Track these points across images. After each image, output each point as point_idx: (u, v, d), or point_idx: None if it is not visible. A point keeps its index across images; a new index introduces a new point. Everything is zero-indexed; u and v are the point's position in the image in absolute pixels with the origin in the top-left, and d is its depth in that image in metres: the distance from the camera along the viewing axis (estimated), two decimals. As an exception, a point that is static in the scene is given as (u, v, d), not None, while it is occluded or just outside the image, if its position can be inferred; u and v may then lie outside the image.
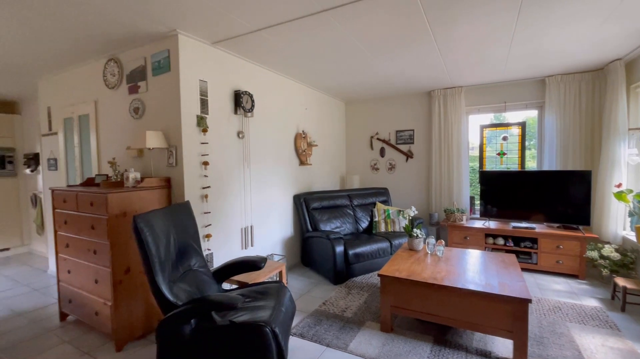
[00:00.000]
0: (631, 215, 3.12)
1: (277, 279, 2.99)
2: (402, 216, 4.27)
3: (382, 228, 4.28)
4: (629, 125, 3.37)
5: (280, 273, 2.94)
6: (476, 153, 4.66)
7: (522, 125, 4.30)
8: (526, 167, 4.35)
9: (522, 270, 3.73)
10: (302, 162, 4.27)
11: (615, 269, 3.15)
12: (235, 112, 3.15)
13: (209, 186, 2.85)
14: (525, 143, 4.31)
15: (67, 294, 2.68)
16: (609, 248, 3.22)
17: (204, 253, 2.73)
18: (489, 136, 4.53)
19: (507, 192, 4.05)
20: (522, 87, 4.21)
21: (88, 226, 2.41)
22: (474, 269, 2.55)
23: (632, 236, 3.24)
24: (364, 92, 4.77)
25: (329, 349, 2.28)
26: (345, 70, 3.66)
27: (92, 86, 3.26)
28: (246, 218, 3.30)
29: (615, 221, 3.44)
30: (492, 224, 4.12)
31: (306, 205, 4.06)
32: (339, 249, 3.46)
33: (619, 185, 3.24)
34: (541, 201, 3.85)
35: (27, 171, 4.80)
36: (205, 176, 2.83)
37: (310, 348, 2.30)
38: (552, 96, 3.94)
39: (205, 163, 2.80)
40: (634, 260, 3.10)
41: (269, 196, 3.67)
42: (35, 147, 4.74)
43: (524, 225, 3.90)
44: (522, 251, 3.82)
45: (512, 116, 4.43)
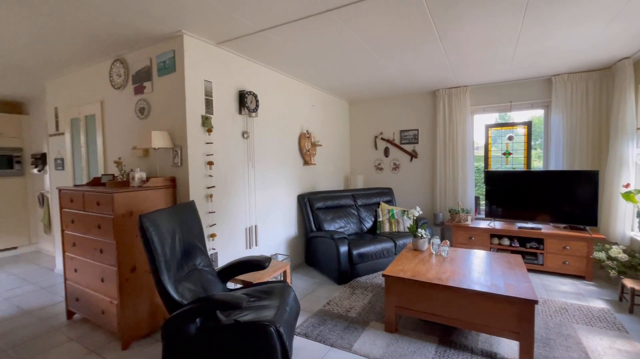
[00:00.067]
0: (639, 215, 3.08)
1: (282, 279, 2.99)
2: (407, 217, 4.26)
3: (386, 228, 4.27)
4: (638, 125, 3.32)
5: (285, 272, 2.95)
6: (481, 153, 4.62)
7: (528, 125, 4.26)
8: (532, 166, 4.31)
9: (528, 270, 3.69)
10: (306, 162, 4.27)
11: (623, 270, 3.11)
12: (240, 112, 3.16)
13: (213, 186, 2.87)
14: (531, 142, 4.28)
15: (74, 292, 2.71)
16: (616, 249, 3.18)
17: (209, 253, 2.74)
18: (494, 136, 4.50)
19: (513, 192, 4.01)
20: (528, 86, 4.17)
21: (95, 225, 2.43)
22: (480, 269, 2.54)
23: (640, 237, 3.20)
24: (368, 91, 4.76)
25: (333, 349, 2.28)
26: (350, 70, 3.66)
27: (98, 86, 3.29)
28: (250, 217, 3.31)
29: (623, 221, 3.39)
30: (497, 224, 4.09)
31: (310, 205, 4.06)
32: (343, 249, 3.46)
33: (627, 185, 3.20)
34: (547, 202, 3.81)
35: (35, 171, 4.86)
36: (210, 176, 2.84)
37: (315, 347, 2.30)
38: (558, 95, 3.90)
39: (210, 163, 2.82)
40: (642, 261, 3.06)
41: (273, 196, 3.67)
42: (43, 147, 4.80)
43: (529, 225, 3.87)
44: (527, 251, 3.79)
45: (518, 115, 4.39)
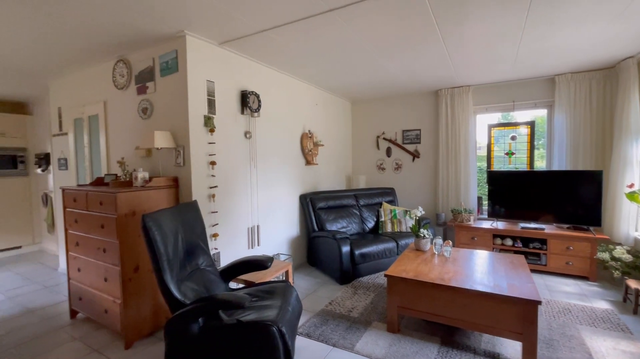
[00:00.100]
0: (644, 215, 3.06)
1: (284, 278, 3.00)
2: (409, 217, 4.25)
3: (389, 228, 4.26)
4: (642, 124, 3.31)
5: (287, 272, 2.95)
6: (484, 153, 4.61)
7: (531, 125, 4.24)
8: (535, 166, 4.29)
9: (531, 271, 3.67)
10: (308, 162, 4.27)
11: (627, 271, 3.09)
12: (242, 112, 3.16)
13: (216, 186, 2.87)
14: (534, 142, 4.26)
15: (77, 292, 2.72)
16: (620, 250, 3.16)
17: (211, 252, 2.74)
18: (497, 135, 4.48)
19: (516, 192, 4.00)
20: (531, 86, 4.15)
21: (98, 225, 2.44)
22: (482, 270, 2.53)
23: (644, 237, 3.18)
24: (370, 91, 4.76)
25: (336, 349, 2.28)
26: (352, 69, 3.65)
27: (101, 87, 3.30)
28: (253, 217, 3.32)
29: (627, 222, 3.37)
30: (500, 224, 4.07)
31: (312, 205, 4.06)
32: (345, 249, 3.45)
33: (631, 186, 3.18)
34: (550, 202, 3.79)
35: (38, 171, 4.89)
36: (213, 176, 2.85)
37: (317, 347, 2.30)
38: (562, 95, 3.88)
39: (213, 163, 2.82)
40: (646, 262, 3.05)
41: (275, 196, 3.68)
42: (46, 147, 4.83)
43: (532, 225, 3.85)
44: (530, 252, 3.77)
45: (521, 115, 4.37)
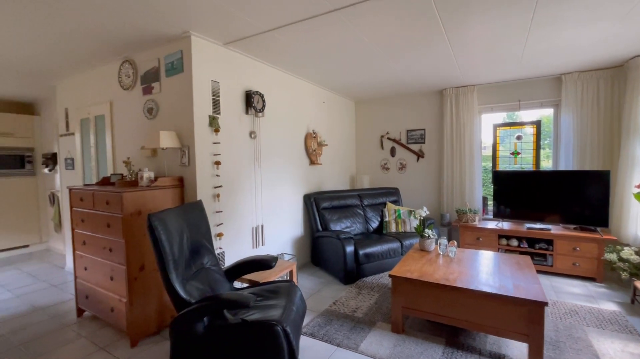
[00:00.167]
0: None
1: (288, 278, 3.00)
2: (413, 217, 4.23)
3: (393, 229, 4.25)
4: (651, 124, 3.26)
5: (291, 272, 2.95)
6: (489, 153, 4.57)
7: (537, 124, 4.20)
8: (541, 166, 4.25)
9: (537, 272, 3.64)
10: (312, 162, 4.27)
11: (635, 272, 3.05)
12: (247, 112, 3.17)
13: (220, 186, 2.88)
14: (540, 142, 4.21)
15: (84, 290, 2.75)
16: (628, 251, 3.12)
17: (216, 252, 2.76)
18: (502, 135, 4.45)
19: (521, 192, 3.96)
20: (537, 85, 4.11)
21: (104, 224, 2.47)
22: (488, 270, 2.51)
23: (653, 238, 3.14)
24: (375, 91, 4.75)
25: (340, 349, 2.28)
26: (356, 69, 3.64)
27: (107, 87, 3.33)
28: (257, 217, 3.33)
29: (636, 222, 3.33)
30: (505, 225, 4.04)
31: (316, 205, 4.06)
32: (349, 249, 3.45)
33: (640, 186, 3.14)
34: (557, 202, 3.75)
35: (46, 170, 4.95)
36: (217, 175, 2.86)
37: (321, 347, 2.30)
38: (568, 94, 3.84)
39: (217, 163, 2.83)
40: (655, 263, 3.01)
41: (279, 195, 3.68)
42: (53, 147, 4.88)
43: (538, 226, 3.81)
44: (536, 253, 3.73)
45: (527, 115, 4.33)
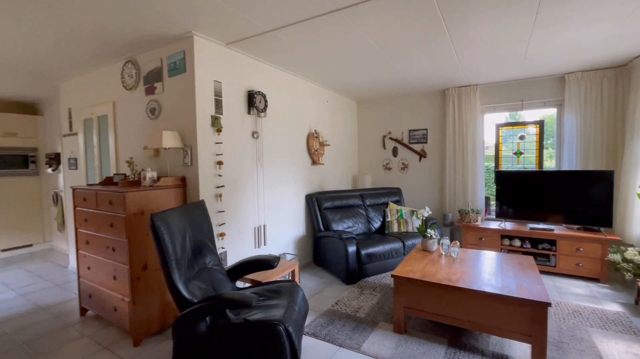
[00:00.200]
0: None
1: (290, 278, 3.00)
2: (416, 217, 4.22)
3: (395, 229, 4.24)
4: (655, 124, 3.24)
5: (293, 272, 2.96)
6: (492, 153, 4.56)
7: (540, 124, 4.18)
8: (544, 166, 4.23)
9: (540, 272, 3.63)
10: (314, 162, 4.27)
11: (639, 273, 3.03)
12: (249, 112, 3.18)
13: (223, 186, 2.89)
14: (543, 142, 4.19)
15: (87, 290, 2.76)
16: (632, 251, 3.10)
17: (218, 252, 2.76)
18: (505, 135, 4.43)
19: (524, 192, 3.95)
20: (540, 85, 4.10)
21: (107, 224, 2.48)
22: (490, 271, 2.50)
23: (657, 239, 3.12)
24: (377, 90, 4.74)
25: (342, 349, 2.28)
26: (358, 69, 3.64)
27: (110, 88, 3.35)
28: (259, 217, 3.33)
29: (640, 223, 3.31)
30: (508, 225, 4.03)
31: (318, 205, 4.06)
32: (351, 249, 3.45)
33: (644, 186, 3.12)
34: (560, 202, 3.73)
35: (49, 170, 4.97)
36: (220, 175, 2.86)
37: (323, 347, 2.30)
38: (572, 94, 3.82)
39: (220, 163, 2.84)
40: (659, 264, 2.98)
41: (281, 195, 3.69)
42: (57, 147, 4.91)
43: (541, 226, 3.80)
44: (539, 253, 3.72)
45: (530, 114, 4.31)
